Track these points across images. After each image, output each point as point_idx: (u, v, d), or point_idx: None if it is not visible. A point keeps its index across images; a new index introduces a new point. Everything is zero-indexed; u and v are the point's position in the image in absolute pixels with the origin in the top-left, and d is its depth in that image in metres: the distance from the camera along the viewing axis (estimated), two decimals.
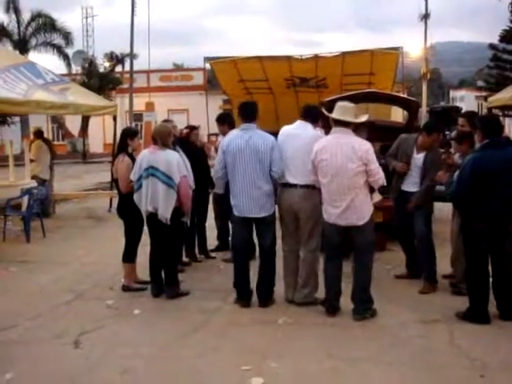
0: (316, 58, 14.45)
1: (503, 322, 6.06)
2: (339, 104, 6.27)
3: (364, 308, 6.23)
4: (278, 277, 6.83)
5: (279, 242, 6.86)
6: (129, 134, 7.41)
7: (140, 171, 6.90)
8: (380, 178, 6.14)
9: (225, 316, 6.45)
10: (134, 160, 7.16)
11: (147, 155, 6.93)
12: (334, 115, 6.17)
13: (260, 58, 14.75)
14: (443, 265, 7.49)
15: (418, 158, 7.40)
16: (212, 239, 9.39)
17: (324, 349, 5.48)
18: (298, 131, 6.67)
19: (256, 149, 6.47)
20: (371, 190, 6.29)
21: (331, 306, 6.32)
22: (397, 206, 7.66)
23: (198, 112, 21.45)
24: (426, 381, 4.87)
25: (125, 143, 7.33)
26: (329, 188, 6.12)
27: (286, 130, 6.80)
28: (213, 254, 9.12)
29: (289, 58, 14.68)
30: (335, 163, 6.01)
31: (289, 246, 6.81)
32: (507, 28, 35.72)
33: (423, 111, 30.87)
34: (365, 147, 6.07)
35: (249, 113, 6.79)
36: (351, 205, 6.04)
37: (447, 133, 22.96)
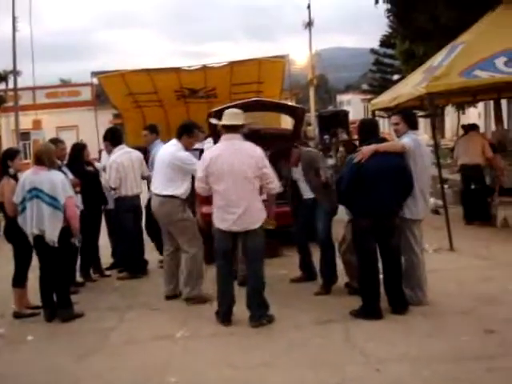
0: (204, 68, 14.53)
1: (395, 316, 6.28)
2: (227, 111, 6.36)
3: (260, 314, 6.27)
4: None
5: None
6: (8, 156, 7.11)
7: (23, 193, 6.65)
8: (275, 181, 6.27)
9: (122, 335, 6.32)
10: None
11: (30, 176, 6.70)
12: (223, 121, 6.25)
13: (148, 71, 14.68)
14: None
15: (296, 170, 7.68)
16: (106, 257, 9.19)
17: (223, 358, 5.49)
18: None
19: None
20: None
21: (225, 316, 6.32)
22: (298, 211, 7.78)
23: (88, 128, 21.00)
24: (325, 380, 4.96)
25: (6, 165, 7.03)
26: (225, 194, 6.14)
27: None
28: (107, 273, 8.90)
29: (177, 70, 14.68)
30: (231, 169, 6.06)
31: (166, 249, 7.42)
32: (386, 33, 37.11)
33: (312, 116, 31.50)
34: (259, 152, 6.18)
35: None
36: (248, 209, 6.10)
37: (326, 137, 23.65)
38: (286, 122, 15.98)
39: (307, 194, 7.60)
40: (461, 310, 6.44)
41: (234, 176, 6.06)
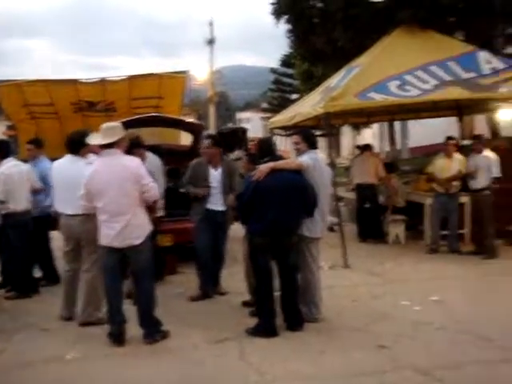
0: (103, 81, 14.24)
1: (290, 333, 6.33)
2: (102, 127, 6.19)
3: (153, 331, 6.18)
4: None
5: None
6: None
7: None
8: (154, 192, 6.19)
9: (10, 358, 6.00)
10: None
11: None
12: (96, 139, 6.15)
13: (45, 82, 14.22)
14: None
15: (215, 174, 7.71)
16: None
17: (116, 380, 5.36)
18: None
19: None
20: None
21: (117, 336, 6.14)
22: (203, 225, 7.74)
23: None
24: None
25: None
26: (105, 210, 6.01)
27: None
28: None
29: (75, 82, 14.31)
30: (109, 184, 5.94)
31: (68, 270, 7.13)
32: (286, 53, 37.82)
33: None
34: (135, 164, 6.12)
35: None
36: (129, 224, 5.98)
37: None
38: (187, 139, 15.98)
39: (216, 206, 7.67)
40: (353, 326, 6.58)
41: (113, 191, 5.95)
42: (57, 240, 8.28)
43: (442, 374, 5.24)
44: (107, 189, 5.96)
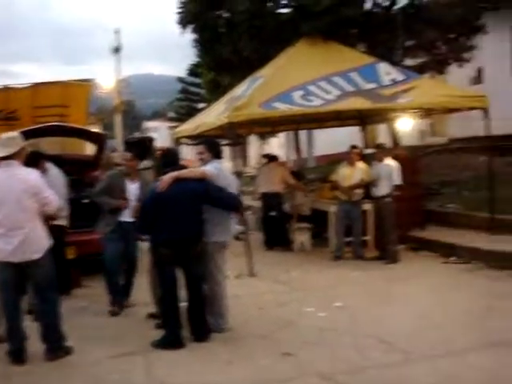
0: (5, 89, 13.81)
1: (197, 344, 6.31)
2: (0, 137, 5.99)
3: (56, 347, 6.00)
4: None
5: None
6: None
7: None
8: (55, 203, 6.02)
9: None
10: None
11: None
12: None
13: None
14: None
15: (132, 187, 7.66)
16: None
17: None
18: None
19: None
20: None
21: (17, 354, 5.90)
22: (113, 236, 7.61)
23: None
24: None
25: None
26: (2, 223, 5.77)
27: None
28: None
29: None
30: (5, 197, 5.74)
31: None
32: (193, 63, 37.78)
33: (119, 142, 31.15)
34: (33, 176, 5.95)
35: None
36: (27, 238, 5.78)
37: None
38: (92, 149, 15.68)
39: (126, 217, 7.58)
40: (260, 334, 6.63)
41: (10, 204, 5.74)
42: None
43: (346, 378, 5.35)
44: (4, 202, 5.74)
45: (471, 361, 5.61)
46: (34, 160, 7.22)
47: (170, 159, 6.68)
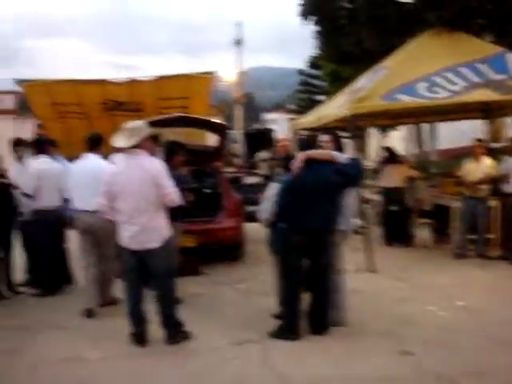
0: (132, 81, 14.33)
1: (314, 336, 6.28)
2: (125, 127, 6.14)
3: (174, 332, 6.17)
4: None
5: None
6: None
7: None
8: (173, 195, 6.08)
9: (31, 356, 5.98)
10: None
11: None
12: (114, 141, 6.12)
13: (74, 82, 14.37)
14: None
15: None
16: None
17: (137, 381, 5.35)
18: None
19: None
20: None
21: (139, 337, 6.16)
22: None
23: (8, 137, 20.32)
24: None
25: None
26: (124, 211, 6.00)
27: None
28: (21, 289, 8.52)
29: (103, 82, 14.42)
30: (128, 185, 5.94)
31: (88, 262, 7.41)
32: (314, 55, 37.64)
33: (237, 134, 31.60)
34: (156, 165, 6.07)
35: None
36: (146, 227, 5.96)
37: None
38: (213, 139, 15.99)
39: None
40: (378, 330, 6.50)
41: (131, 193, 5.94)
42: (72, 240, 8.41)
43: (465, 381, 5.16)
44: (126, 190, 5.95)
45: None
46: (171, 150, 7.51)
47: (307, 146, 6.52)
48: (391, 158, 12.48)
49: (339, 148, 6.72)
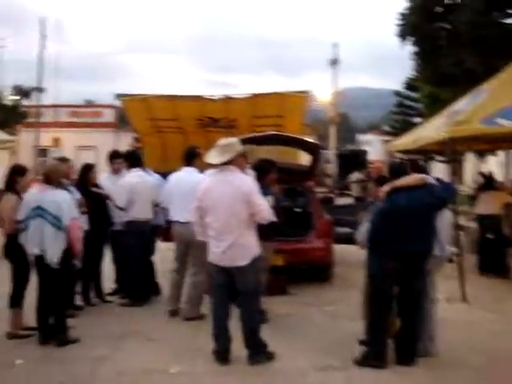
0: (227, 99, 14.47)
1: (399, 366, 6.03)
2: (217, 144, 6.18)
3: (257, 352, 6.08)
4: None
5: None
6: (18, 172, 7.03)
7: (27, 211, 6.54)
8: (265, 212, 6.03)
9: (114, 365, 6.06)
10: (21, 198, 6.75)
11: (35, 194, 6.61)
12: (207, 157, 6.19)
13: (172, 97, 14.64)
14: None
15: None
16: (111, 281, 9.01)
17: None
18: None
19: None
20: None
21: (222, 355, 6.10)
22: None
23: (107, 149, 21.00)
24: None
25: (13, 180, 6.91)
26: (213, 227, 6.01)
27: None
28: (109, 298, 8.71)
29: (200, 98, 14.63)
30: (219, 201, 5.95)
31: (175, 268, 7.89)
32: (411, 76, 37.13)
33: (331, 154, 31.45)
34: (247, 182, 6.06)
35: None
36: (235, 244, 5.93)
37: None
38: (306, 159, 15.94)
39: None
40: (469, 364, 6.19)
41: (222, 209, 5.95)
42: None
43: None
44: (216, 206, 5.97)
45: None
46: (264, 168, 7.49)
47: (397, 173, 6.33)
48: (488, 183, 12.03)
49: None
